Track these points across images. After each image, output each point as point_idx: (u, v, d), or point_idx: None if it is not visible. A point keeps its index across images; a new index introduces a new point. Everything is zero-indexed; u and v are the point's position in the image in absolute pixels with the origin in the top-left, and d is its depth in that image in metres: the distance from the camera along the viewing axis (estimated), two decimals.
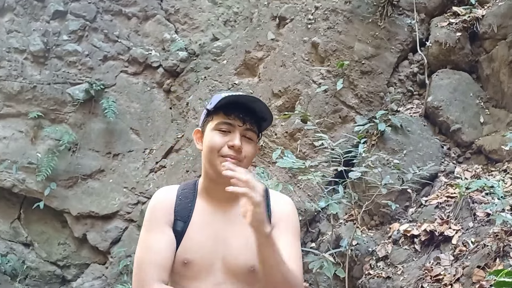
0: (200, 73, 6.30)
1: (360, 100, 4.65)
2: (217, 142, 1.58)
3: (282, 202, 1.73)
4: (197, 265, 1.59)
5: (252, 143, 1.63)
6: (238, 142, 1.56)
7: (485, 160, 4.01)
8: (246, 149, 1.60)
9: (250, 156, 1.62)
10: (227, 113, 1.59)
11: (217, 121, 1.61)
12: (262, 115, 1.64)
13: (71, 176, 6.16)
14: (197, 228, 1.63)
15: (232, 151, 1.56)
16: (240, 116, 1.59)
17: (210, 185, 1.66)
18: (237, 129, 1.59)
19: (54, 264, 6.36)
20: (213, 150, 1.58)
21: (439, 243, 3.42)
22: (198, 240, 1.61)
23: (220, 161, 1.56)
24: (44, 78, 6.19)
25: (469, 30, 4.41)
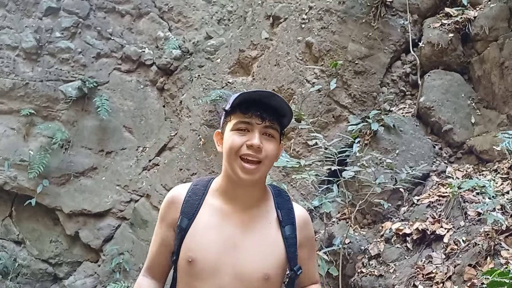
0: (194, 72, 6.30)
1: (353, 100, 4.69)
2: (236, 143, 1.52)
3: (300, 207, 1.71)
4: (200, 264, 1.53)
5: (274, 140, 1.56)
6: (257, 141, 1.50)
7: (476, 160, 4.06)
8: (267, 148, 1.53)
9: (272, 154, 1.55)
10: (244, 112, 1.53)
11: (235, 120, 1.55)
12: (281, 111, 1.57)
13: (63, 174, 6.14)
14: (204, 227, 1.58)
15: (252, 150, 1.51)
16: (257, 113, 1.52)
17: (229, 186, 1.61)
18: (256, 127, 1.53)
19: (45, 262, 6.34)
20: (232, 151, 1.53)
21: (431, 241, 3.47)
22: (204, 239, 1.56)
23: (238, 163, 1.52)
24: (37, 75, 6.16)
25: (461, 31, 4.46)
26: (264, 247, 1.54)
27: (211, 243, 1.55)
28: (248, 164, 1.51)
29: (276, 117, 1.56)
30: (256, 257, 1.54)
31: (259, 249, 1.55)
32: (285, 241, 1.56)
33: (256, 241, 1.56)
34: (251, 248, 1.55)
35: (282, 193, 1.70)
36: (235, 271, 1.52)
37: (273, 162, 1.60)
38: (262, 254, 1.54)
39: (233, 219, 1.59)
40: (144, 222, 5.77)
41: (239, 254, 1.54)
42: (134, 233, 5.89)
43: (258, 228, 1.58)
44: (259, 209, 1.62)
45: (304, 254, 1.65)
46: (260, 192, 1.64)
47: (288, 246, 1.56)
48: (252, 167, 1.52)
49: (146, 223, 5.73)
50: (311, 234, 1.71)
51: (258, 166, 1.53)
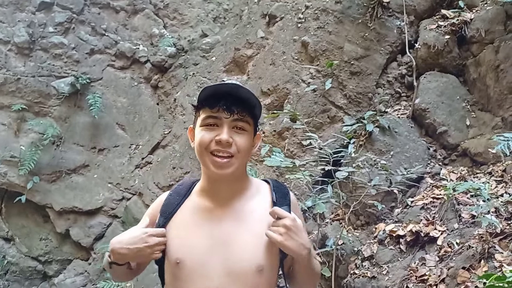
0: (189, 69, 6.26)
1: (348, 100, 4.67)
2: (204, 139, 1.50)
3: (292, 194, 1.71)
4: (188, 265, 1.49)
5: (245, 133, 1.52)
6: (225, 136, 1.47)
7: (470, 163, 4.06)
8: (238, 141, 1.50)
9: (244, 147, 1.51)
10: (211, 106, 1.49)
11: (203, 116, 1.52)
12: (249, 102, 1.52)
13: (54, 171, 6.07)
14: (189, 226, 1.55)
15: (220, 146, 1.48)
16: (224, 107, 1.47)
17: (208, 183, 1.59)
18: (225, 122, 1.49)
19: (35, 259, 6.27)
20: (202, 147, 1.50)
21: (424, 243, 3.45)
22: (189, 238, 1.53)
23: (209, 158, 1.49)
24: (29, 70, 6.09)
25: (457, 33, 4.45)
26: (252, 238, 1.50)
27: (197, 242, 1.52)
28: (219, 159, 1.48)
29: (246, 108, 1.52)
30: (246, 250, 1.50)
31: (248, 241, 1.51)
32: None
33: (243, 233, 1.52)
34: (239, 242, 1.51)
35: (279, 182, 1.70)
36: (226, 268, 1.48)
37: (247, 155, 1.56)
38: (251, 246, 1.50)
39: (216, 215, 1.56)
40: (136, 221, 5.68)
41: (227, 249, 1.50)
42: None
43: (244, 220, 1.55)
44: (241, 202, 1.58)
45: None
46: (239, 185, 1.60)
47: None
48: (223, 161, 1.48)
49: (138, 221, 5.66)
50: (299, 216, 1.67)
51: (230, 160, 1.49)
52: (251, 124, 1.55)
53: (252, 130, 1.56)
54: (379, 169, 3.95)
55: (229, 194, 1.58)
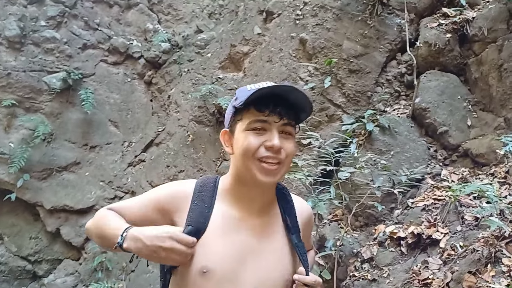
0: (183, 66, 6.14)
1: (347, 99, 4.58)
2: (253, 144, 1.38)
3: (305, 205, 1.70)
4: (217, 275, 1.38)
5: (291, 138, 1.43)
6: (277, 142, 1.36)
7: (471, 164, 3.99)
8: (287, 147, 1.40)
9: (292, 154, 1.43)
10: (260, 109, 1.38)
11: (249, 119, 1.40)
12: (300, 106, 1.41)
13: (45, 168, 5.93)
14: (218, 235, 1.43)
15: (271, 152, 1.37)
16: (276, 110, 1.37)
17: (242, 189, 1.47)
18: (274, 126, 1.38)
19: (24, 259, 6.12)
20: (249, 153, 1.38)
21: (426, 246, 3.37)
22: (220, 247, 1.41)
23: (256, 165, 1.38)
24: (20, 65, 5.93)
25: (458, 32, 4.38)
26: (280, 254, 1.47)
27: (227, 252, 1.40)
28: (268, 165, 1.38)
29: (294, 113, 1.42)
30: (276, 264, 1.44)
31: (277, 256, 1.46)
32: (296, 250, 1.49)
33: (272, 247, 1.46)
34: (270, 255, 1.45)
35: (286, 196, 1.59)
36: (256, 279, 1.41)
37: (291, 161, 1.48)
38: (280, 260, 1.46)
39: (247, 225, 1.46)
40: None
41: (259, 262, 1.42)
42: None
43: (272, 233, 1.49)
44: (270, 213, 1.52)
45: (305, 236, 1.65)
46: (272, 193, 1.54)
47: (300, 253, 1.49)
48: (273, 167, 1.39)
49: None
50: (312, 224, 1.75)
51: (279, 167, 1.40)
52: (295, 129, 1.47)
53: (295, 135, 1.48)
54: (379, 169, 3.87)
55: (262, 204, 1.50)
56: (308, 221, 1.67)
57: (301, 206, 1.63)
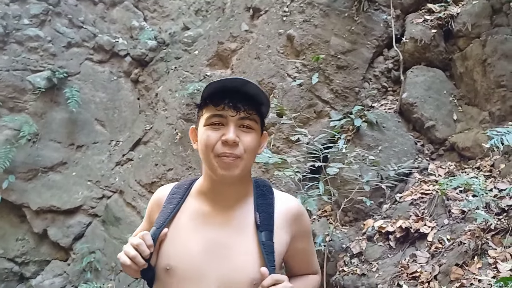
0: (170, 63, 6.10)
1: (335, 95, 4.60)
2: (210, 140, 1.38)
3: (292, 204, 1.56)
4: (181, 273, 1.38)
5: (252, 132, 1.41)
6: (231, 136, 1.35)
7: (458, 157, 4.03)
8: (246, 141, 1.39)
9: (251, 147, 1.40)
10: (216, 103, 1.38)
11: (207, 114, 1.40)
12: (257, 98, 1.41)
13: (30, 169, 5.85)
14: (184, 231, 1.44)
15: (227, 147, 1.36)
16: (230, 104, 1.36)
17: (210, 185, 1.47)
18: (231, 120, 1.38)
19: (11, 261, 6.03)
20: (207, 149, 1.38)
21: (415, 240, 3.41)
22: (183, 244, 1.42)
23: (215, 160, 1.38)
24: (3, 64, 5.83)
25: (443, 27, 4.42)
26: (248, 252, 1.40)
27: (191, 249, 1.40)
28: (226, 158, 1.37)
29: (253, 106, 1.41)
30: (242, 262, 1.39)
31: (244, 254, 1.40)
32: (262, 248, 1.40)
33: (240, 245, 1.41)
34: (237, 252, 1.40)
35: (266, 194, 1.53)
36: (220, 278, 1.37)
37: (254, 155, 1.45)
38: (247, 258, 1.40)
39: (213, 221, 1.45)
40: (117, 220, 5.55)
41: (224, 259, 1.39)
42: (106, 231, 5.66)
43: (241, 230, 1.44)
44: (241, 209, 1.48)
45: (301, 246, 1.56)
46: (242, 190, 1.50)
47: (265, 253, 1.40)
48: (231, 161, 1.37)
49: (119, 221, 5.52)
50: (305, 226, 1.58)
51: (237, 161, 1.38)
52: (258, 122, 1.44)
53: (259, 129, 1.45)
54: (368, 164, 3.89)
55: (230, 199, 1.47)
56: (295, 220, 1.53)
57: (285, 204, 1.53)
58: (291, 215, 1.52)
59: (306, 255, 1.62)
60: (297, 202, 1.58)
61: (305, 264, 1.63)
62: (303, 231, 1.56)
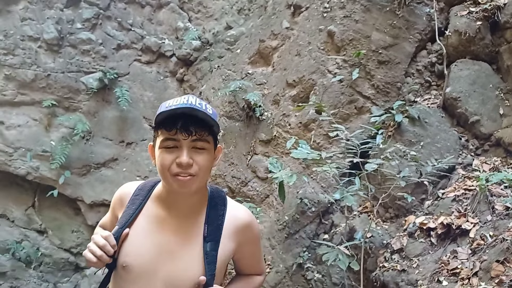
0: (214, 62, 6.26)
1: (376, 90, 4.57)
2: (165, 161, 1.50)
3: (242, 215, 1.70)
4: (135, 271, 1.54)
5: (205, 152, 1.53)
6: (185, 159, 1.47)
7: (504, 153, 3.91)
8: (199, 161, 1.51)
9: (205, 166, 1.53)
10: (168, 129, 1.49)
11: (162, 137, 1.52)
12: (207, 122, 1.52)
13: (84, 164, 6.20)
14: (141, 233, 1.59)
15: (181, 168, 1.49)
16: (182, 129, 1.47)
17: (167, 194, 1.61)
18: (183, 143, 1.49)
19: (67, 251, 6.43)
20: (164, 169, 1.51)
21: (456, 236, 3.35)
22: (140, 245, 1.57)
23: (172, 179, 1.51)
24: (58, 66, 6.20)
25: (489, 19, 4.28)
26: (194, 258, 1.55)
27: (146, 250, 1.56)
28: (181, 177, 1.50)
29: (204, 128, 1.51)
30: (189, 266, 1.54)
31: (190, 260, 1.55)
32: (204, 257, 1.54)
33: (188, 251, 1.56)
34: (185, 257, 1.55)
35: (218, 205, 1.66)
36: (168, 279, 1.53)
37: (209, 171, 1.60)
38: (193, 265, 1.54)
39: (168, 226, 1.59)
40: None
41: (172, 262, 1.54)
42: None
43: (190, 238, 1.58)
44: (194, 219, 1.61)
45: (247, 251, 1.74)
46: (198, 200, 1.64)
47: (207, 262, 1.54)
48: (186, 179, 1.50)
49: None
50: (253, 234, 1.72)
51: (192, 178, 1.51)
52: (210, 142, 1.56)
53: (212, 147, 1.57)
54: (409, 160, 3.86)
55: (184, 208, 1.61)
56: (243, 229, 1.67)
57: (235, 215, 1.66)
58: (239, 225, 1.66)
59: (252, 259, 1.81)
60: (246, 213, 1.71)
61: (251, 266, 1.82)
62: (250, 239, 1.71)
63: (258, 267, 1.85)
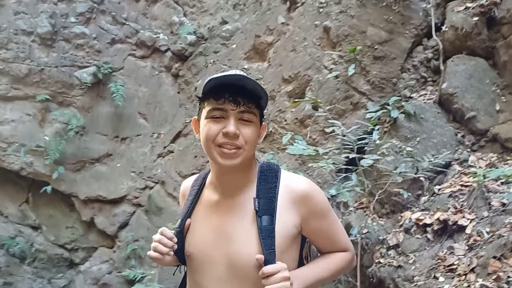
0: (209, 57, 6.21)
1: (372, 86, 4.55)
2: (211, 131, 1.46)
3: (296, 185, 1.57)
4: (197, 258, 1.56)
5: (252, 125, 1.49)
6: (232, 128, 1.44)
7: (500, 149, 3.91)
8: (245, 133, 1.47)
9: (251, 139, 1.49)
10: (217, 98, 1.46)
11: (208, 107, 1.48)
12: (255, 93, 1.48)
13: (79, 160, 6.15)
14: (200, 221, 1.61)
15: (228, 138, 1.45)
16: (231, 98, 1.44)
17: (216, 176, 1.59)
18: (231, 114, 1.46)
19: (62, 247, 6.40)
20: (208, 140, 1.47)
21: (453, 232, 3.36)
22: (199, 233, 1.58)
23: (216, 150, 1.47)
24: (52, 60, 6.14)
25: (486, 14, 4.26)
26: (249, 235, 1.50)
27: (204, 236, 1.57)
28: (226, 150, 1.46)
29: (252, 100, 1.48)
30: (245, 244, 1.49)
31: (246, 237, 1.50)
32: (259, 232, 1.47)
33: (242, 229, 1.52)
34: (240, 236, 1.51)
35: (269, 178, 1.57)
36: (228, 261, 1.51)
37: (254, 146, 1.53)
38: (249, 242, 1.49)
39: (221, 208, 1.57)
40: (159, 209, 5.75)
41: (229, 243, 1.51)
42: (149, 220, 5.88)
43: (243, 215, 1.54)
44: (244, 195, 1.57)
45: (315, 226, 1.58)
46: (245, 178, 1.58)
47: (262, 237, 1.46)
48: (231, 151, 1.46)
49: (161, 210, 5.72)
50: (316, 205, 1.57)
51: (238, 151, 1.47)
52: (257, 115, 1.52)
53: (258, 121, 1.54)
54: (405, 156, 3.85)
55: (235, 186, 1.57)
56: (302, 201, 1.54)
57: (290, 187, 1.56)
58: (296, 196, 1.54)
59: (326, 234, 1.62)
60: (304, 184, 1.58)
61: (328, 242, 1.64)
62: (314, 211, 1.56)
63: (338, 243, 1.66)
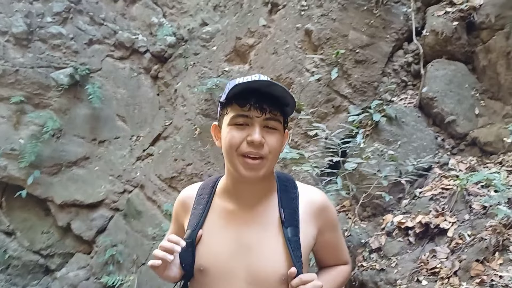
0: (189, 59, 6.14)
1: (353, 89, 4.56)
2: (235, 139, 1.38)
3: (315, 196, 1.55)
4: (213, 273, 1.43)
5: (276, 132, 1.41)
6: (257, 137, 1.35)
7: (479, 152, 3.96)
8: (270, 142, 1.39)
9: (275, 148, 1.41)
10: (241, 104, 1.37)
11: (232, 114, 1.40)
12: (282, 100, 1.39)
13: (55, 163, 6.00)
14: (214, 232, 1.47)
15: (252, 147, 1.36)
16: (256, 105, 1.36)
17: (233, 184, 1.49)
18: (256, 121, 1.37)
19: (37, 253, 6.22)
20: (232, 148, 1.39)
21: (434, 235, 3.37)
22: (214, 244, 1.46)
23: (239, 160, 1.39)
24: (27, 61, 5.98)
25: (466, 19, 4.33)
26: (274, 248, 1.42)
27: (221, 248, 1.45)
28: (250, 160, 1.38)
29: (278, 107, 1.40)
30: (271, 257, 1.41)
31: (271, 250, 1.41)
32: (288, 244, 1.41)
33: (266, 241, 1.43)
34: (264, 248, 1.42)
35: (289, 188, 1.53)
36: (249, 276, 1.40)
37: (277, 156, 1.45)
38: (274, 254, 1.41)
39: (240, 219, 1.47)
40: (138, 213, 5.64)
41: (251, 256, 1.42)
42: (128, 224, 5.77)
43: (265, 226, 1.45)
44: (265, 206, 1.49)
45: (329, 238, 1.57)
46: (266, 187, 1.51)
47: (291, 249, 1.40)
48: (255, 162, 1.38)
49: (140, 214, 5.61)
50: (331, 218, 1.57)
51: (262, 162, 1.39)
52: (282, 122, 1.44)
53: (282, 128, 1.45)
54: (386, 159, 3.86)
55: (252, 198, 1.49)
56: (321, 212, 1.52)
57: (310, 197, 1.53)
58: (316, 208, 1.52)
59: (335, 247, 1.62)
60: (321, 195, 1.57)
61: (334, 255, 1.64)
62: (330, 223, 1.56)
63: (342, 255, 1.68)
